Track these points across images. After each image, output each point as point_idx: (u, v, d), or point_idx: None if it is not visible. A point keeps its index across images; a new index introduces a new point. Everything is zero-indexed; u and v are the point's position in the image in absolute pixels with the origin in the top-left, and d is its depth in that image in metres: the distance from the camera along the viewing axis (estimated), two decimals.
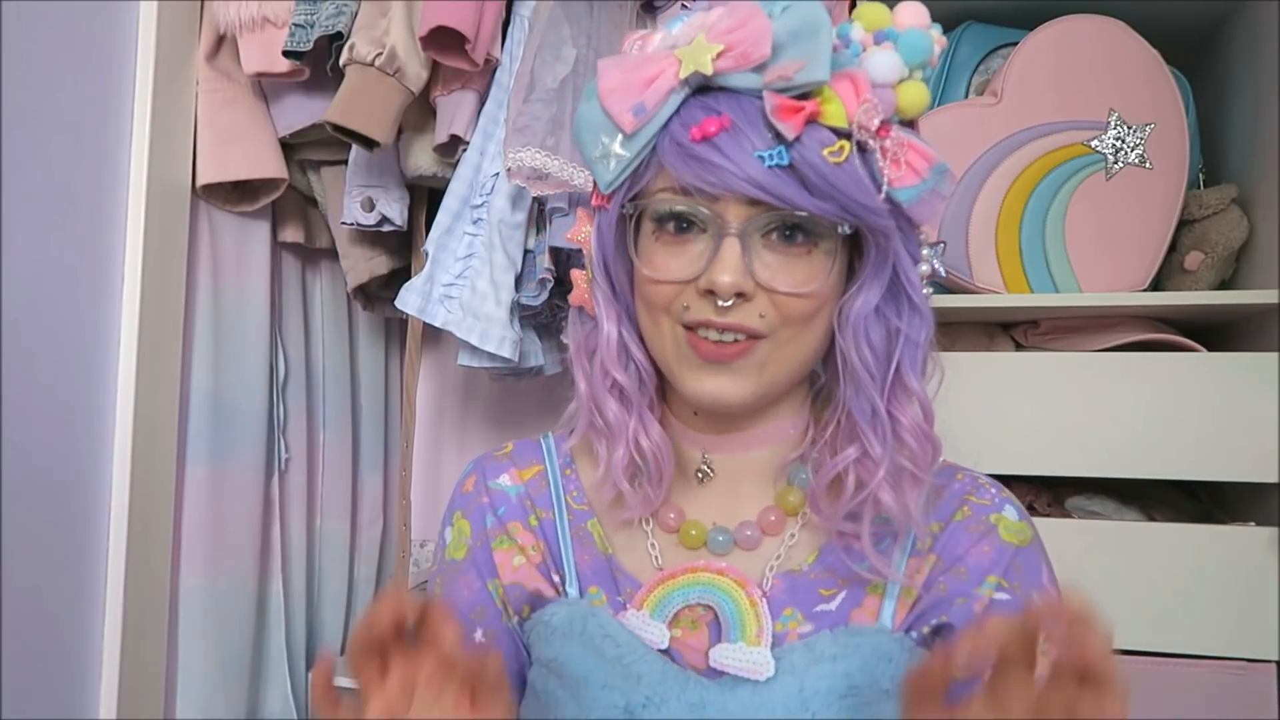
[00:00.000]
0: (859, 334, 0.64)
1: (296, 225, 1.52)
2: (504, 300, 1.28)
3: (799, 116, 0.58)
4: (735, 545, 0.69)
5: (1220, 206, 1.24)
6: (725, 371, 0.63)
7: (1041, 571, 0.68)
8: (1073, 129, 1.23)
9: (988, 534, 0.67)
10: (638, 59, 0.62)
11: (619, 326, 0.68)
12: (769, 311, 0.62)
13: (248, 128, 1.36)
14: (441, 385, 1.83)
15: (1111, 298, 1.20)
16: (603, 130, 0.63)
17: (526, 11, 1.28)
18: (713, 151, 0.59)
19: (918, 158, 0.61)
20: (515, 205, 1.28)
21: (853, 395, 0.65)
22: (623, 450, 0.67)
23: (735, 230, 0.60)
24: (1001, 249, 1.24)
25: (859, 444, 0.64)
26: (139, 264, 1.23)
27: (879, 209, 0.60)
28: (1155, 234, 1.22)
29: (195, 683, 1.34)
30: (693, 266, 0.62)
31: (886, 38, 0.62)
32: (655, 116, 0.61)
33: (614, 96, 0.61)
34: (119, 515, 1.21)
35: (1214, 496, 1.30)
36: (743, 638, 0.65)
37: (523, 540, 0.72)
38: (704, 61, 0.59)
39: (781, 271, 0.62)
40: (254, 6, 1.29)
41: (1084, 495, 1.25)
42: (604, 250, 0.68)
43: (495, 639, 0.72)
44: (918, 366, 0.65)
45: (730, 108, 0.60)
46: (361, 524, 1.72)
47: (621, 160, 0.62)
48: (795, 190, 0.59)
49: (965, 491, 0.70)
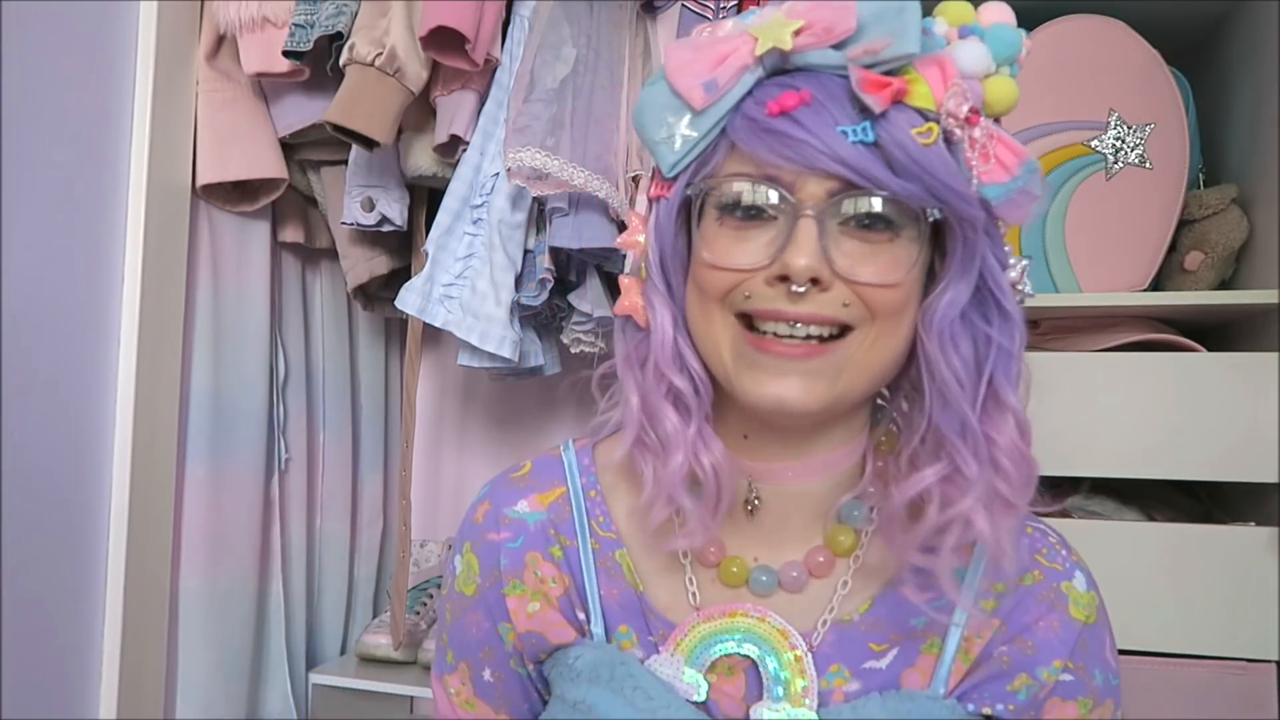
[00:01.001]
0: (945, 338, 0.57)
1: (296, 225, 1.52)
2: (504, 300, 1.28)
3: (887, 91, 0.53)
4: (779, 587, 0.63)
5: (1220, 206, 1.24)
6: (794, 373, 0.56)
7: (1105, 645, 0.65)
8: (1073, 129, 1.23)
9: (1056, 606, 0.62)
10: (709, 39, 0.58)
11: (674, 328, 0.61)
12: (853, 300, 0.56)
13: (248, 128, 1.36)
14: (441, 385, 1.83)
15: (1111, 298, 1.20)
16: (669, 109, 0.57)
17: (526, 11, 1.28)
18: (792, 125, 0.54)
19: (1007, 153, 0.56)
20: (515, 205, 1.28)
21: (939, 409, 0.58)
22: (681, 459, 0.60)
23: (812, 212, 0.55)
24: None
25: (946, 461, 0.57)
26: (139, 264, 1.23)
27: (969, 195, 0.55)
28: (1155, 234, 1.22)
29: (195, 683, 1.34)
30: (763, 252, 0.56)
31: (971, 33, 0.59)
32: (727, 94, 0.56)
33: (683, 72, 0.57)
34: (119, 515, 1.21)
35: (1214, 496, 1.30)
36: (786, 697, 0.60)
37: (543, 572, 0.66)
38: (783, 37, 0.55)
39: (862, 260, 0.56)
40: (254, 6, 1.29)
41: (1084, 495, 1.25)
42: (662, 243, 0.61)
43: (503, 680, 0.68)
44: (1013, 378, 0.58)
45: (811, 84, 0.55)
46: (361, 524, 1.72)
47: (688, 141, 0.57)
48: (880, 169, 0.54)
49: (1035, 549, 0.64)
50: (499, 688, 0.68)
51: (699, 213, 0.59)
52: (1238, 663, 1.11)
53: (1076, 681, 0.63)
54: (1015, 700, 0.62)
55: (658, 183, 0.61)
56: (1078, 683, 0.63)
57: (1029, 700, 0.62)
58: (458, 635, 0.69)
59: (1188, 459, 1.15)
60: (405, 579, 1.50)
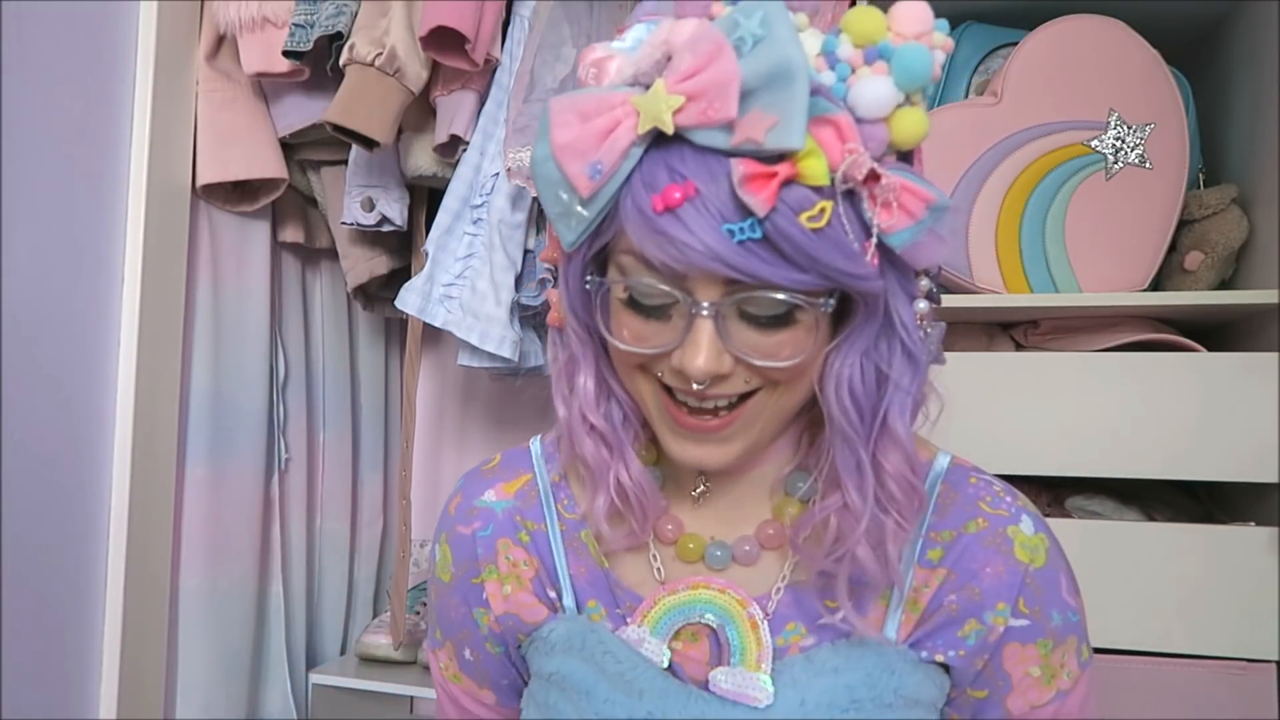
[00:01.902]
0: (841, 389, 0.59)
1: (296, 225, 1.52)
2: (504, 300, 1.28)
3: (771, 185, 0.51)
4: (733, 561, 0.67)
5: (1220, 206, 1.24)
6: (709, 441, 0.60)
7: (1061, 586, 0.66)
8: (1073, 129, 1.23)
9: (1001, 550, 0.64)
10: (594, 101, 0.55)
11: (595, 370, 0.64)
12: (752, 378, 0.58)
13: (247, 128, 1.36)
14: (441, 385, 1.83)
15: (1111, 298, 1.20)
16: (560, 187, 0.56)
17: (526, 11, 1.28)
18: (676, 225, 0.52)
19: (912, 199, 0.54)
20: (515, 205, 1.28)
21: (839, 444, 0.60)
22: (603, 497, 0.64)
23: (708, 311, 0.55)
24: (1001, 249, 1.24)
25: (840, 495, 0.61)
26: (139, 264, 1.23)
27: (866, 273, 0.54)
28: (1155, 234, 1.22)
29: (195, 683, 1.34)
30: (664, 338, 0.57)
31: (880, 55, 0.54)
32: (615, 175, 0.54)
33: (568, 154, 0.55)
34: (119, 515, 1.21)
35: (1214, 496, 1.30)
36: (743, 661, 0.63)
37: (514, 557, 0.70)
38: (663, 118, 0.52)
39: (760, 347, 0.57)
40: (254, 6, 1.29)
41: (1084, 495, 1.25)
42: (572, 299, 0.62)
43: (480, 660, 0.72)
44: (906, 414, 0.60)
45: (695, 169, 0.53)
46: (361, 524, 1.72)
47: (583, 220, 0.56)
48: (771, 264, 0.52)
49: (979, 498, 0.66)
50: (478, 666, 0.73)
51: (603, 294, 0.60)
52: (1238, 663, 1.11)
53: (1033, 625, 0.64)
54: (965, 646, 0.64)
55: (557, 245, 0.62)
56: (1034, 626, 0.64)
57: (978, 644, 0.64)
58: (441, 615, 0.74)
59: (1188, 459, 1.14)
60: (405, 579, 1.50)
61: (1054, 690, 0.65)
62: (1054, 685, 0.65)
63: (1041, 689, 0.65)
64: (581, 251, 0.59)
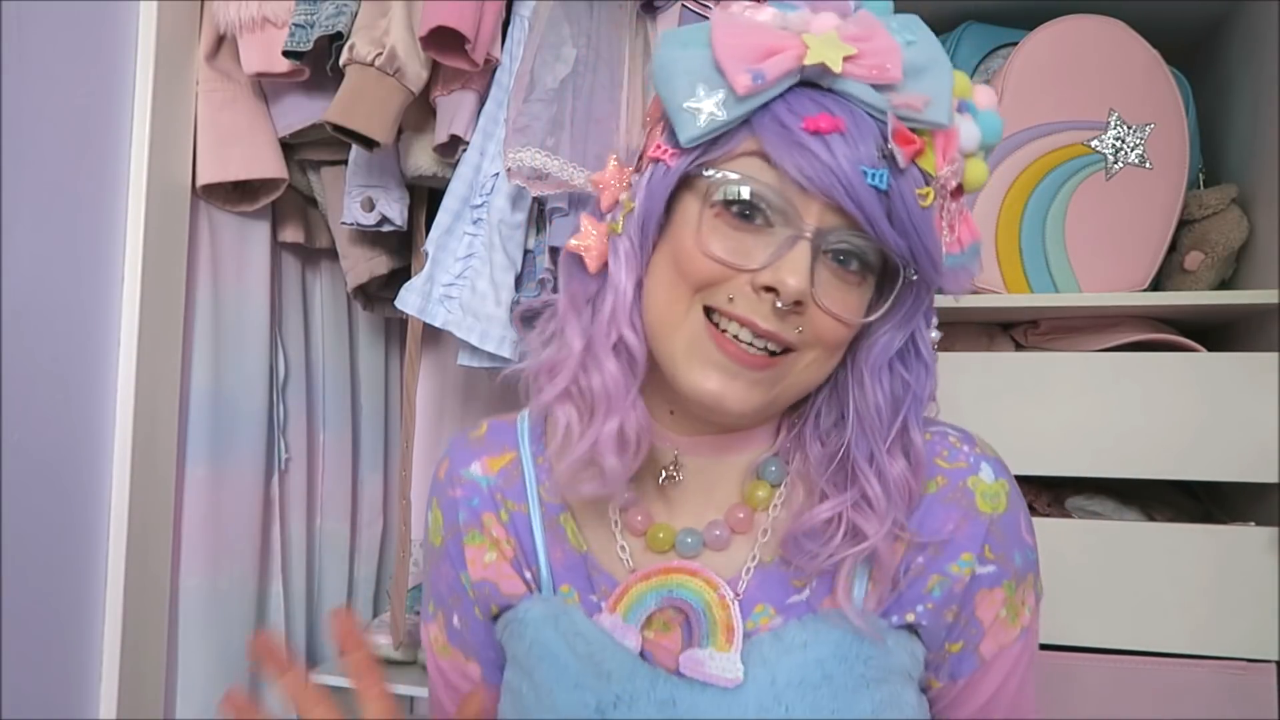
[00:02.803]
0: (875, 376, 0.63)
1: (296, 225, 1.52)
2: (504, 300, 1.28)
3: (912, 148, 0.57)
4: (705, 546, 0.67)
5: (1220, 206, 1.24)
6: (741, 377, 0.60)
7: (1020, 527, 0.67)
8: (1073, 129, 1.23)
9: (961, 504, 0.65)
10: (758, 26, 0.59)
11: (634, 289, 0.63)
12: (807, 329, 0.59)
13: (248, 128, 1.36)
14: (441, 385, 1.82)
15: (1111, 298, 1.20)
16: (703, 81, 0.58)
17: (526, 11, 1.28)
18: (821, 146, 0.56)
19: (966, 231, 0.62)
20: (515, 205, 1.28)
21: (857, 436, 0.63)
22: (616, 420, 0.62)
23: (811, 235, 0.57)
24: (1001, 249, 1.24)
25: (858, 488, 0.62)
26: (139, 264, 1.23)
27: (941, 263, 0.60)
28: (1155, 234, 1.22)
29: (195, 683, 1.34)
30: (754, 257, 0.58)
31: (966, 109, 0.62)
32: (768, 90, 0.57)
33: (731, 52, 0.57)
34: (119, 515, 1.21)
35: (1214, 496, 1.31)
36: (713, 643, 0.63)
37: (496, 533, 0.71)
38: (834, 58, 0.56)
39: (834, 293, 0.59)
40: (254, 6, 1.29)
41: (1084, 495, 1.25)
42: (650, 206, 0.61)
43: (469, 627, 0.73)
44: (920, 422, 0.64)
45: (844, 112, 0.57)
46: (361, 524, 1.72)
47: (714, 120, 0.57)
48: (883, 219, 0.57)
49: (935, 454, 0.66)
50: (466, 634, 0.73)
51: (702, 195, 0.60)
52: (1238, 663, 1.11)
53: (999, 569, 0.65)
54: (931, 599, 0.65)
55: (662, 146, 0.61)
56: (1000, 570, 0.65)
57: (944, 596, 0.64)
58: (433, 584, 0.75)
59: (1187, 459, 1.15)
60: (405, 579, 1.50)
61: (1018, 628, 0.67)
62: (1018, 623, 0.67)
63: (1008, 628, 0.66)
64: (690, 155, 0.59)
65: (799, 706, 0.60)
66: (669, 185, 0.61)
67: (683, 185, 0.61)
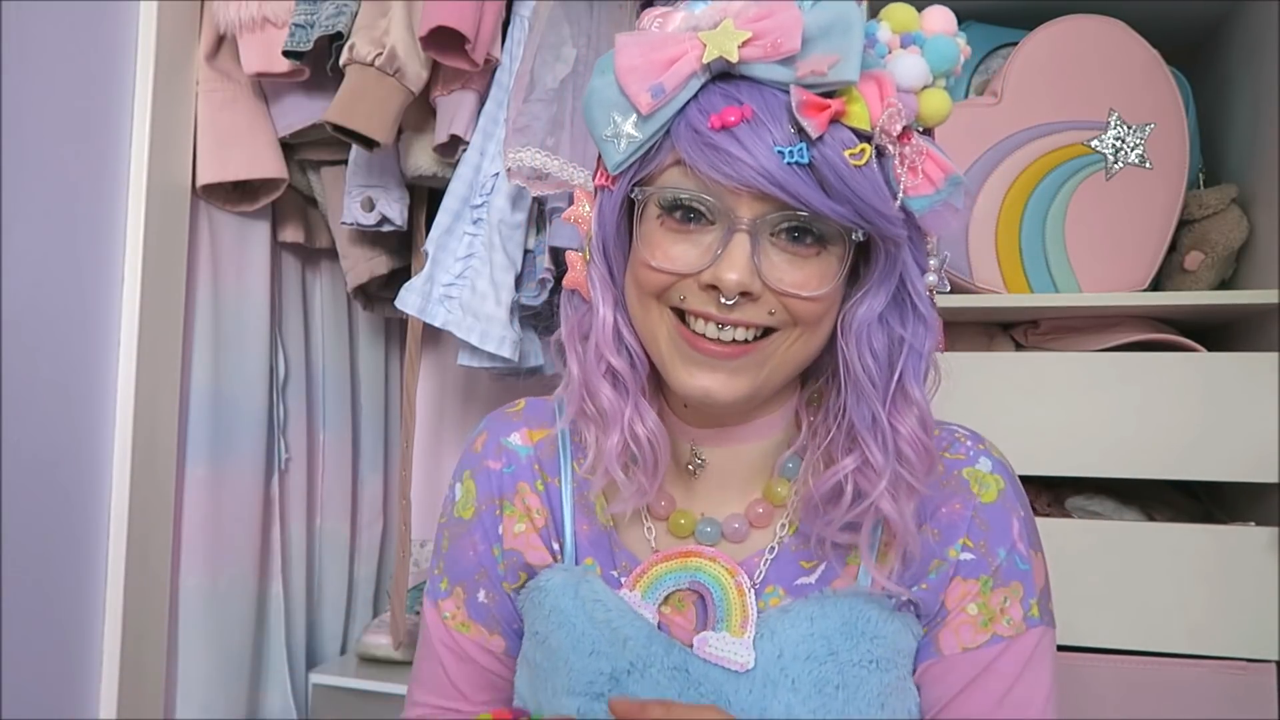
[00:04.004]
0: (862, 341, 0.62)
1: (296, 225, 1.52)
2: (504, 300, 1.28)
3: (824, 114, 0.56)
4: (723, 537, 0.69)
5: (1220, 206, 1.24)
6: (721, 369, 0.62)
7: (1012, 527, 0.67)
8: (1073, 129, 1.23)
9: (958, 491, 0.67)
10: (658, 38, 0.60)
11: (614, 311, 0.66)
12: (778, 309, 0.60)
13: (248, 128, 1.36)
14: (441, 385, 1.83)
15: (1111, 298, 1.20)
16: (616, 108, 0.60)
17: (526, 11, 1.28)
18: (731, 141, 0.57)
19: (934, 167, 0.59)
20: (515, 205, 1.28)
21: (854, 403, 0.63)
22: (617, 437, 0.65)
23: (746, 226, 0.58)
24: (1001, 249, 1.24)
25: (858, 453, 0.63)
26: (139, 264, 1.23)
27: (894, 217, 0.59)
28: (1155, 234, 1.22)
29: (195, 683, 1.34)
30: (700, 258, 0.60)
31: (913, 41, 0.61)
32: (673, 99, 0.58)
33: (632, 75, 0.58)
34: (119, 515, 1.21)
35: (1214, 496, 1.30)
36: (727, 627, 0.65)
37: (529, 503, 0.73)
38: (729, 48, 0.57)
39: (790, 272, 0.60)
40: (254, 6, 1.29)
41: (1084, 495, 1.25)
42: (604, 232, 0.65)
43: (496, 602, 0.73)
44: (920, 376, 0.63)
45: (752, 98, 0.57)
46: (361, 524, 1.72)
47: (633, 142, 0.59)
48: (812, 190, 0.57)
49: (940, 448, 0.68)
50: (493, 609, 0.73)
51: (640, 211, 0.63)
52: (1238, 663, 1.11)
53: (978, 560, 0.66)
54: (928, 580, 0.66)
55: (603, 173, 0.64)
56: (979, 561, 0.66)
57: (939, 579, 0.66)
58: (454, 561, 0.75)
59: (1188, 459, 1.14)
60: (405, 579, 1.50)
61: (989, 633, 0.66)
62: (990, 629, 0.66)
63: (976, 630, 0.66)
64: (625, 177, 0.62)
65: (805, 679, 0.62)
66: (614, 208, 0.64)
67: (632, 205, 0.64)
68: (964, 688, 0.65)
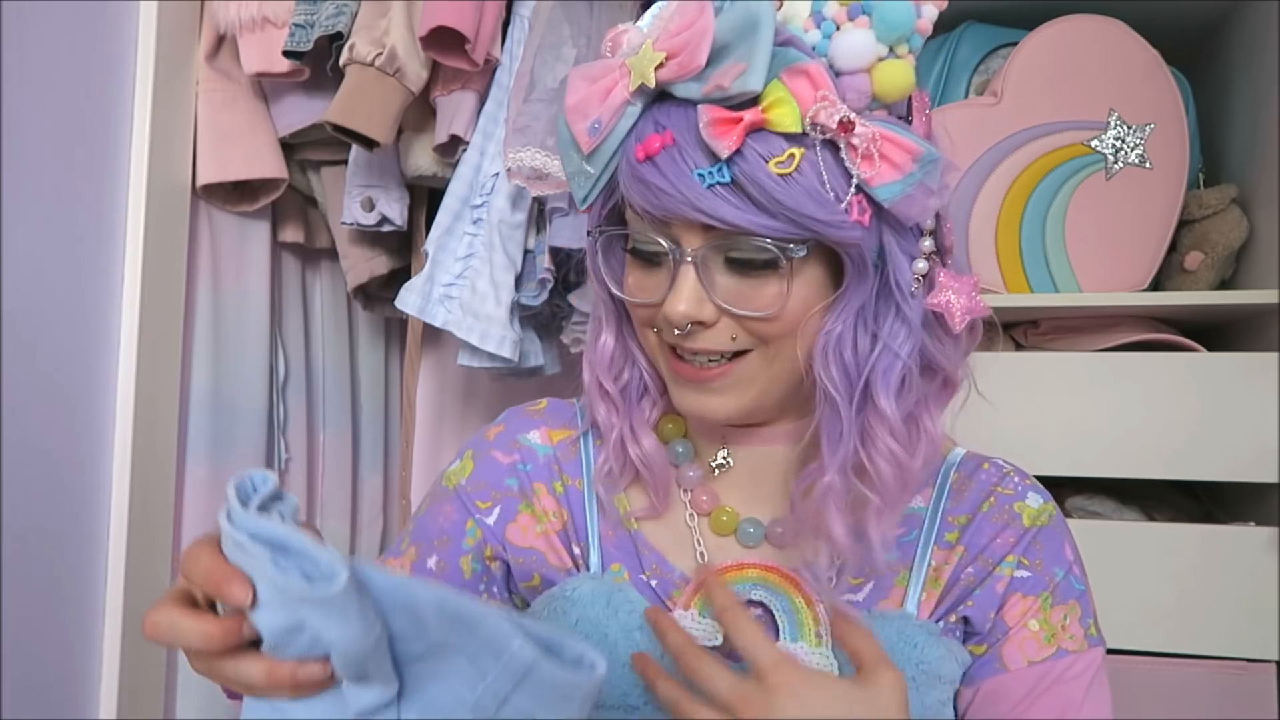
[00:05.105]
0: (829, 348, 0.59)
1: (296, 225, 1.52)
2: (504, 300, 1.28)
3: (736, 130, 0.53)
4: (765, 540, 0.67)
5: (1220, 206, 1.24)
6: (706, 390, 0.62)
7: (1063, 548, 0.68)
8: (1073, 129, 1.23)
9: (1010, 523, 0.67)
10: (599, 67, 0.59)
11: (616, 332, 0.67)
12: (739, 334, 0.59)
13: (248, 128, 1.36)
14: (441, 385, 1.82)
15: (1111, 298, 1.20)
16: (571, 146, 0.60)
17: (526, 11, 1.28)
18: (653, 172, 0.55)
19: (897, 150, 0.54)
20: (515, 205, 1.28)
21: (826, 411, 0.60)
22: (604, 456, 0.67)
23: (691, 257, 0.57)
24: (1001, 249, 1.24)
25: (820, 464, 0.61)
26: (139, 264, 1.23)
27: (839, 221, 0.54)
28: (1155, 234, 1.22)
29: (195, 683, 1.34)
30: (657, 290, 0.60)
31: (862, 11, 0.55)
32: (613, 132, 0.57)
33: (575, 114, 0.58)
34: (119, 515, 1.21)
35: (1214, 496, 1.30)
36: (803, 638, 0.64)
37: (545, 505, 0.71)
38: (647, 73, 0.55)
39: (742, 296, 0.58)
40: (254, 6, 1.29)
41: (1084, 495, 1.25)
42: (592, 263, 0.67)
43: (445, 572, 0.71)
44: (891, 383, 0.59)
45: (675, 121, 0.55)
46: (361, 524, 1.72)
47: (589, 178, 0.59)
48: (741, 210, 0.54)
49: (992, 482, 0.69)
50: (439, 577, 0.71)
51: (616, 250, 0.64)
52: (1238, 663, 1.11)
53: (1035, 577, 0.66)
54: (975, 598, 0.66)
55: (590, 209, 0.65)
56: (1036, 578, 0.66)
57: (987, 595, 0.65)
58: (422, 524, 0.73)
59: (1188, 459, 1.14)
60: None
61: (1055, 648, 0.65)
62: (1055, 643, 0.65)
63: (1041, 644, 0.65)
64: (596, 209, 0.63)
65: None
66: (593, 244, 0.66)
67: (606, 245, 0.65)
68: (1032, 703, 0.64)
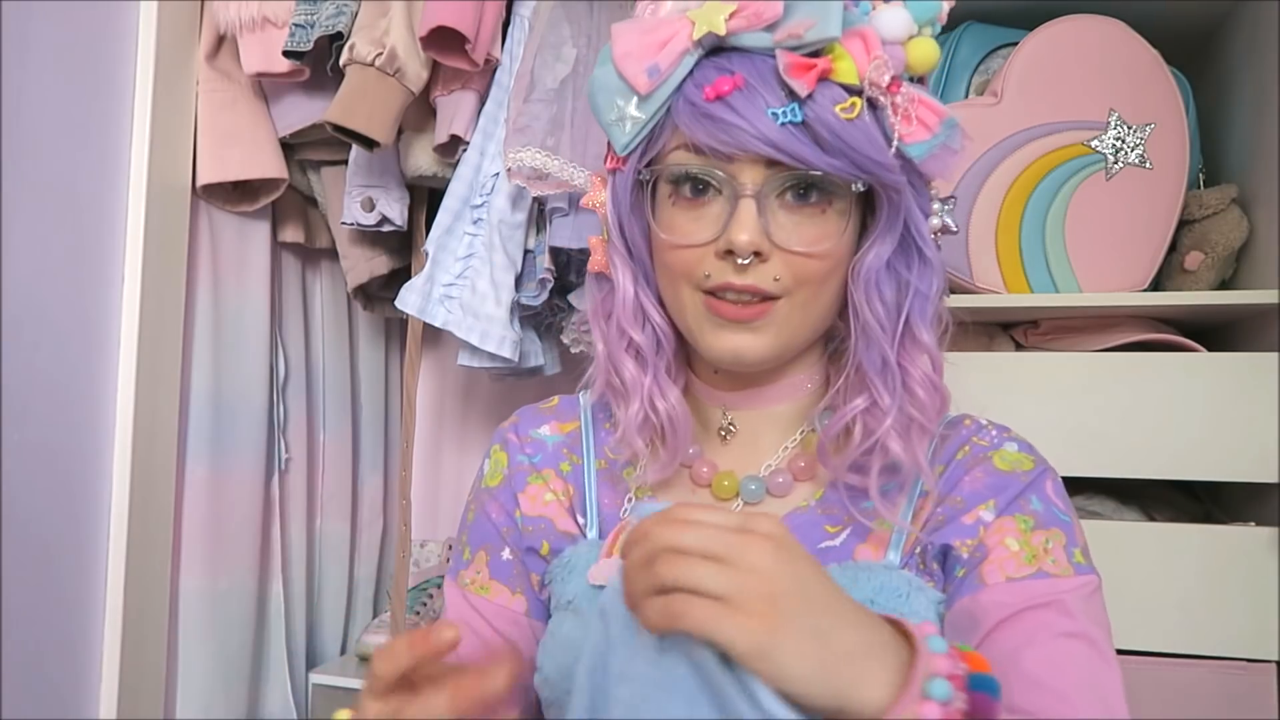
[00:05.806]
0: (870, 288, 0.64)
1: (296, 225, 1.52)
2: (504, 300, 1.28)
3: (811, 74, 0.58)
4: (768, 493, 0.70)
5: (1220, 206, 1.23)
6: (745, 330, 0.64)
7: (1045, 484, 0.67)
8: (1073, 129, 1.23)
9: (979, 463, 0.67)
10: (651, 22, 0.63)
11: (635, 287, 0.69)
12: (784, 274, 0.62)
13: (248, 128, 1.36)
14: (441, 385, 1.83)
15: (1111, 298, 1.20)
16: (618, 93, 0.63)
17: (526, 11, 1.28)
18: (726, 110, 0.59)
19: (928, 113, 0.61)
20: (515, 205, 1.28)
21: (864, 348, 0.65)
22: (638, 407, 0.68)
23: (751, 191, 0.61)
24: (1001, 249, 1.24)
25: (867, 394, 0.65)
26: (139, 264, 1.23)
27: (891, 165, 0.61)
28: (1155, 234, 1.22)
29: (195, 683, 1.34)
30: (711, 229, 0.63)
31: None
32: (669, 78, 0.61)
33: (629, 59, 0.62)
34: (119, 515, 1.21)
35: (1214, 496, 1.30)
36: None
37: (554, 485, 0.74)
38: (717, 22, 0.60)
39: (797, 231, 0.62)
40: (254, 6, 1.29)
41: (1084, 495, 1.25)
42: (619, 212, 0.68)
43: (519, 558, 0.74)
44: (928, 318, 0.65)
45: (743, 67, 0.60)
46: (361, 524, 1.72)
47: (637, 123, 0.63)
48: (809, 148, 0.60)
49: (970, 435, 0.70)
50: (516, 565, 0.74)
51: (652, 191, 0.66)
52: (1238, 663, 1.11)
53: (1010, 504, 0.66)
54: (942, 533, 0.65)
55: (613, 157, 0.67)
56: (1012, 504, 0.66)
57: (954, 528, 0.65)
58: (477, 528, 0.76)
59: (1188, 459, 1.14)
60: (405, 579, 1.50)
61: (1035, 568, 0.62)
62: (1035, 564, 0.63)
63: (1020, 563, 0.63)
64: (633, 159, 0.65)
65: None
66: (627, 189, 0.67)
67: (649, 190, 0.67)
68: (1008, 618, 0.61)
